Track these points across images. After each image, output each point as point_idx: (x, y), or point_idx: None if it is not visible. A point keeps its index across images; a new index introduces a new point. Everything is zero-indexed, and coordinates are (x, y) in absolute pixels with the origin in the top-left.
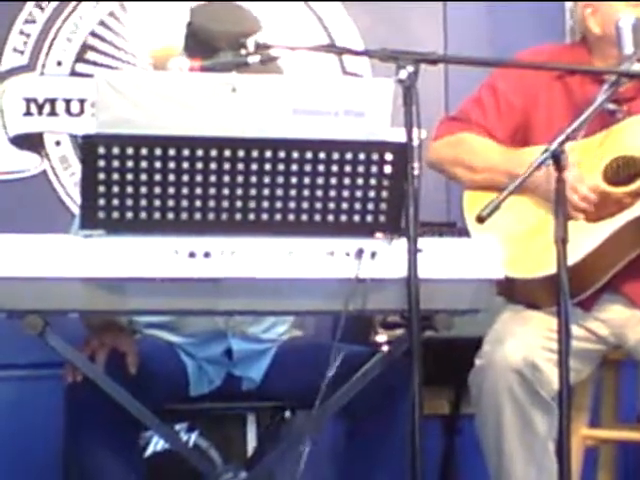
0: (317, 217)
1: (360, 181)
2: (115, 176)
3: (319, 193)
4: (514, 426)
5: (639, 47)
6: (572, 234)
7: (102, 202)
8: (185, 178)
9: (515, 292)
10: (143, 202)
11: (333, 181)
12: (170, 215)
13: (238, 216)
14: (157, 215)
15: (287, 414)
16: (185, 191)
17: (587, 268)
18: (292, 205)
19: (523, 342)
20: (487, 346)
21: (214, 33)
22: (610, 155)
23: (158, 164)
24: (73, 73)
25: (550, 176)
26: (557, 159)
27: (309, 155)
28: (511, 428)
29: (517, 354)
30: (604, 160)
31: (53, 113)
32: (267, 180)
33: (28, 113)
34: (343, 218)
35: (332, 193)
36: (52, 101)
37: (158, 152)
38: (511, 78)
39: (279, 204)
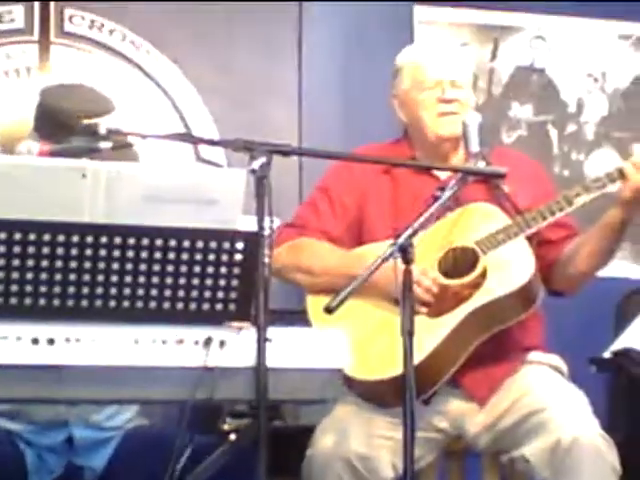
0: (166, 305)
1: (210, 269)
2: None
3: (169, 281)
4: None
5: (484, 145)
6: (415, 331)
7: None
8: (30, 263)
9: (361, 391)
10: None
11: (183, 269)
12: (13, 300)
13: (84, 302)
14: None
15: None
16: (30, 276)
17: (431, 366)
18: (141, 292)
19: (353, 432)
20: (317, 435)
21: (65, 111)
22: (443, 248)
23: (2, 248)
24: None
25: (388, 273)
26: (404, 252)
27: (159, 242)
28: None
29: (345, 444)
30: (438, 253)
31: None
32: (116, 266)
33: None
34: (192, 306)
35: (182, 281)
36: None
37: (2, 236)
38: (342, 177)
39: (127, 291)
